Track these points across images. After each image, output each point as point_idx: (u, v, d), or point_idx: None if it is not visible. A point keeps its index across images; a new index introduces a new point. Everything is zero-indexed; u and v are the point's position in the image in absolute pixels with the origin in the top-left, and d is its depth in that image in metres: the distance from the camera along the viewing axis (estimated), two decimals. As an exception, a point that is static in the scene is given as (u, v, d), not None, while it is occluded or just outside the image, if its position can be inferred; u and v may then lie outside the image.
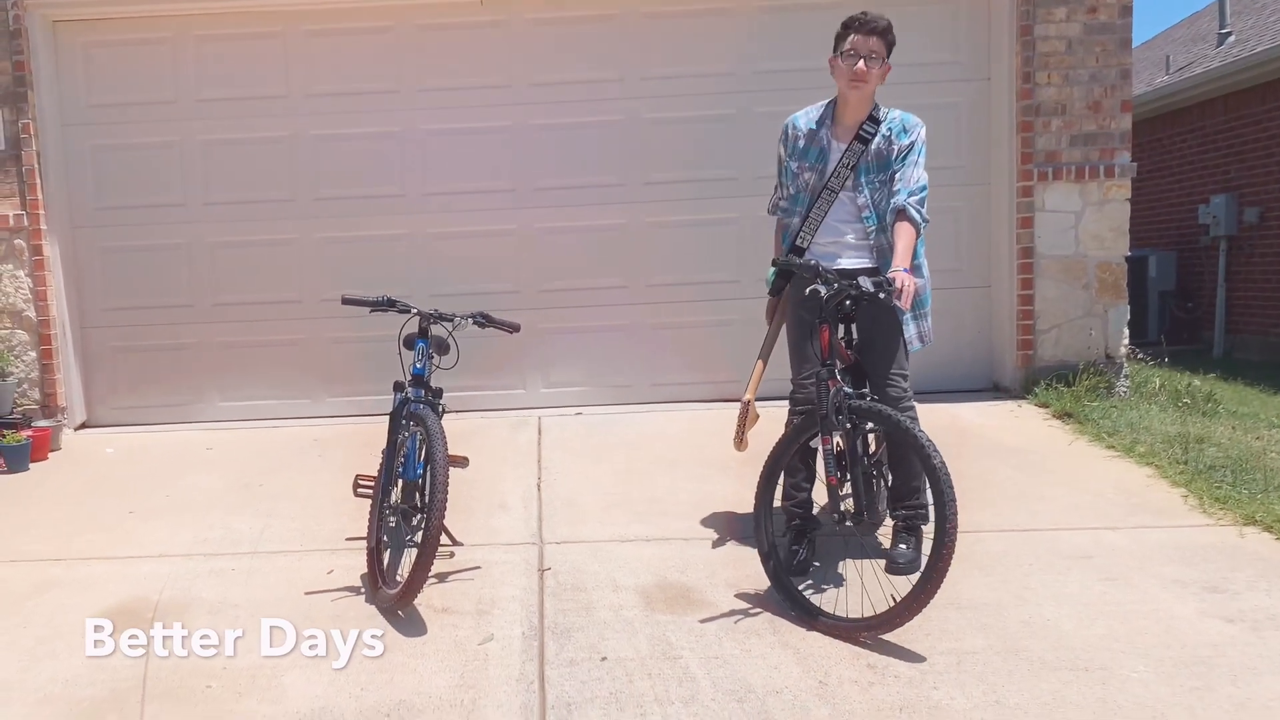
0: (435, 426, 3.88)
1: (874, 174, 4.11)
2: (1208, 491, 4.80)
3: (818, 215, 4.16)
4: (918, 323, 4.20)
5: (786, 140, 4.29)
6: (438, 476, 3.75)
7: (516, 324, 4.39)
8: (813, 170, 4.18)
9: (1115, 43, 6.61)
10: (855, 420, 3.73)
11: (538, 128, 6.82)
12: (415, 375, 4.16)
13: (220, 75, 6.79)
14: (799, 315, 4.19)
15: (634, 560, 4.30)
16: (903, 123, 4.12)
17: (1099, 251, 6.72)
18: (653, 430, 6.21)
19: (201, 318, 6.91)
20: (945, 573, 3.41)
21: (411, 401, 4.10)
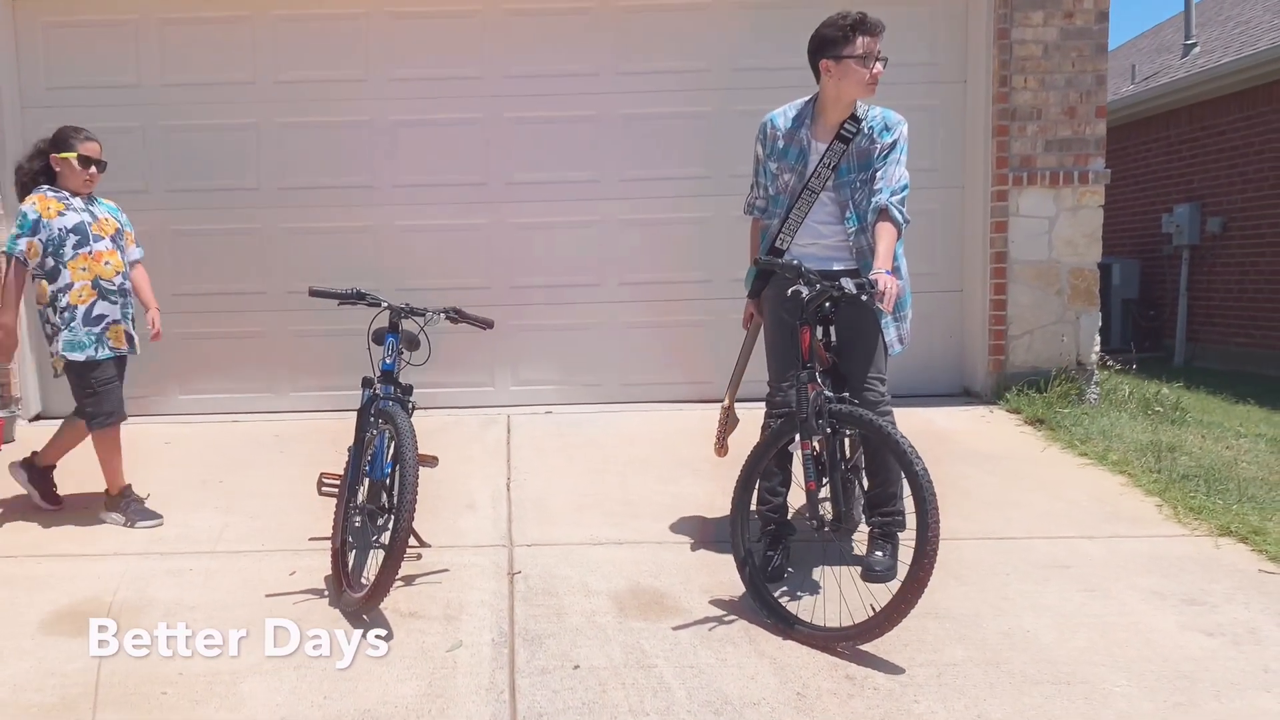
0: (405, 425, 3.77)
1: (855, 174, 4.03)
2: (1182, 501, 4.78)
3: (797, 216, 4.08)
4: (897, 325, 4.13)
5: (765, 140, 4.20)
6: (407, 477, 3.64)
7: (489, 320, 4.28)
8: (792, 171, 4.10)
9: (1091, 48, 6.60)
10: (835, 425, 3.66)
11: (511, 120, 6.71)
12: (384, 371, 4.04)
13: (185, 60, 6.62)
14: (778, 317, 4.11)
15: (606, 564, 4.21)
16: (884, 120, 4.05)
17: (1072, 257, 6.71)
18: (624, 430, 6.12)
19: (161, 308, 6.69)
20: (925, 583, 3.35)
21: (380, 398, 3.99)
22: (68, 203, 4.64)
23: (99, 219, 4.70)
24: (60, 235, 4.57)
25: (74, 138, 4.67)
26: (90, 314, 4.61)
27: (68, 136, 4.68)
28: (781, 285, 3.98)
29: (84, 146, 4.66)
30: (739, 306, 6.50)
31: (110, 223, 4.75)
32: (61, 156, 4.63)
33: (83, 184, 4.68)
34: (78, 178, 4.66)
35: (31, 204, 4.60)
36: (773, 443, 3.86)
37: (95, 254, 4.63)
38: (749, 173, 6.58)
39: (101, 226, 4.69)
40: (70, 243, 4.58)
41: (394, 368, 4.04)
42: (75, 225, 4.60)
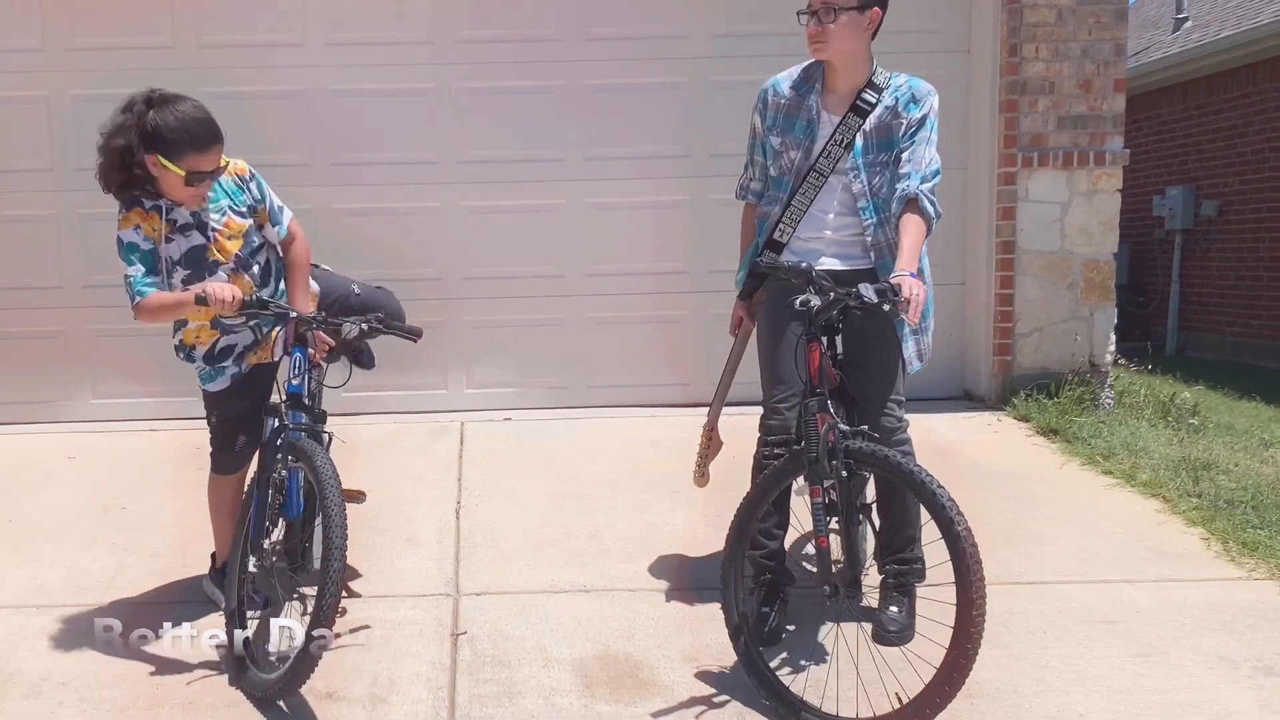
0: (326, 466, 3.04)
1: (874, 154, 3.35)
2: (1232, 534, 4.17)
3: (801, 203, 3.39)
4: (918, 339, 3.47)
5: (765, 108, 3.49)
6: (333, 538, 2.91)
7: (418, 329, 3.46)
8: (799, 147, 3.39)
9: (1110, 14, 5.95)
10: (852, 466, 3.00)
11: (464, 91, 5.99)
12: (291, 395, 3.27)
13: (96, 20, 5.83)
14: (777, 325, 3.43)
15: (569, 621, 3.54)
16: (911, 91, 3.36)
17: (1086, 248, 6.08)
18: (590, 442, 5.44)
19: (73, 301, 5.98)
20: (966, 674, 2.70)
21: (290, 429, 3.23)
22: (175, 220, 3.33)
23: (218, 231, 3.38)
24: (168, 267, 3.35)
25: (179, 142, 3.17)
26: (214, 352, 3.51)
27: (172, 136, 3.17)
28: (782, 290, 3.31)
29: (193, 160, 3.19)
30: (720, 301, 5.89)
31: (234, 226, 3.41)
32: (162, 164, 3.20)
33: (189, 199, 3.31)
34: (181, 193, 3.28)
35: (135, 229, 3.29)
36: (773, 485, 3.19)
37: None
38: (730, 151, 5.92)
39: (221, 245, 3.39)
40: (179, 276, 3.34)
41: (303, 390, 3.28)
42: (186, 253, 3.36)
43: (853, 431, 3.02)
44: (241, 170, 3.46)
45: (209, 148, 3.22)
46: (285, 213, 3.55)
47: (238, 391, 3.51)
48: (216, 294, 3.11)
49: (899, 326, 3.42)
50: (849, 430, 3.01)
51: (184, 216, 3.34)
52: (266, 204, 3.48)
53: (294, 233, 3.55)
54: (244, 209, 3.44)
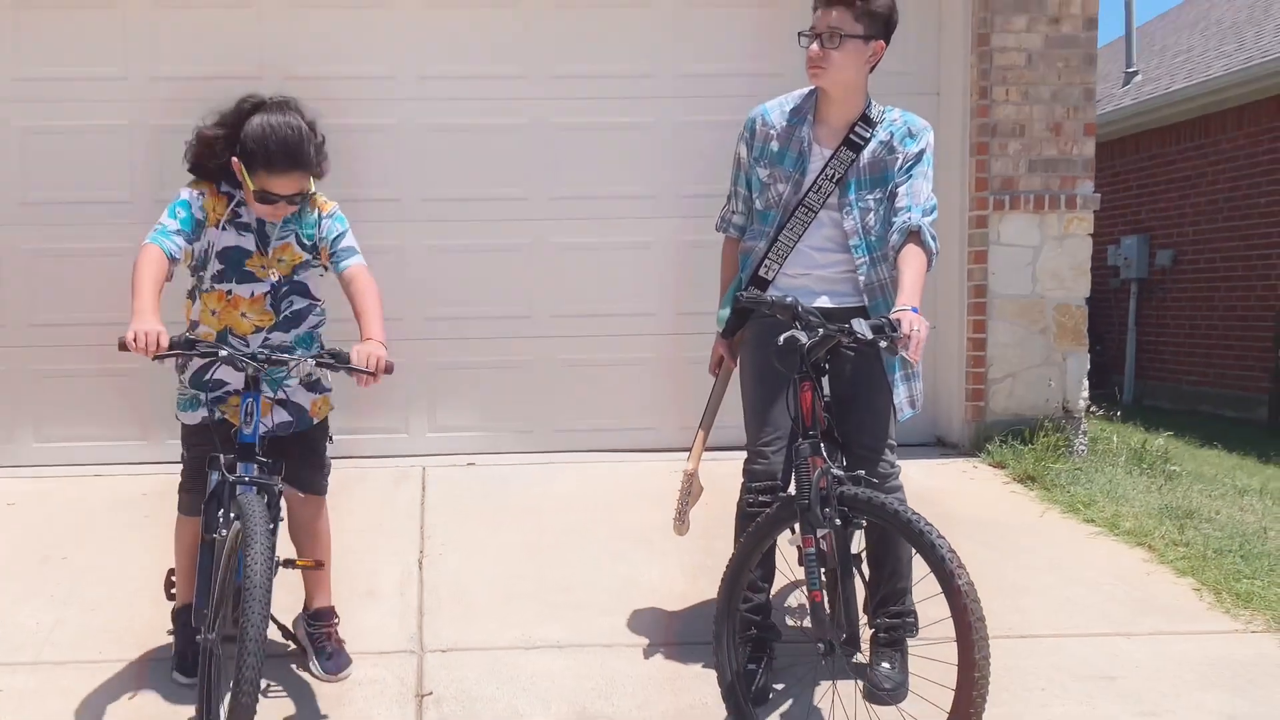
0: (258, 523, 2.74)
1: (867, 190, 3.23)
2: (1224, 585, 4.05)
3: (789, 239, 3.26)
4: (909, 384, 3.34)
5: (753, 138, 3.36)
6: (251, 604, 2.61)
7: (379, 367, 3.12)
8: (788, 180, 3.26)
9: (1080, 58, 5.94)
10: (847, 514, 2.84)
11: (426, 128, 5.82)
12: (243, 445, 2.98)
13: (181, 50, 5.63)
14: (763, 365, 3.26)
15: (543, 680, 3.33)
16: (906, 125, 3.26)
17: (1058, 292, 6.02)
18: (559, 489, 5.23)
19: (14, 340, 5.68)
20: None
21: (243, 483, 2.91)
22: (237, 210, 3.21)
23: (273, 247, 3.23)
24: (206, 251, 3.20)
25: (255, 155, 3.05)
26: (203, 376, 3.27)
27: (252, 147, 3.06)
28: (768, 327, 3.16)
29: (269, 180, 3.06)
30: (689, 343, 5.79)
31: (289, 253, 3.25)
32: (241, 171, 3.10)
33: (262, 214, 3.18)
34: (254, 206, 3.16)
35: (198, 194, 3.17)
36: (764, 536, 3.02)
37: (234, 299, 3.23)
38: (699, 192, 5.86)
39: (266, 261, 3.23)
40: (212, 270, 3.21)
41: (255, 439, 3.00)
42: (226, 249, 3.20)
43: (847, 476, 2.86)
44: (323, 205, 3.29)
45: (283, 172, 3.07)
46: (353, 256, 3.30)
47: (205, 435, 3.24)
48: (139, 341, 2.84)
49: (889, 370, 3.29)
50: (843, 475, 2.85)
51: (250, 217, 3.20)
52: (329, 242, 3.27)
53: (354, 275, 3.26)
54: (309, 243, 3.27)
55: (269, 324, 3.26)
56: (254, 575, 2.66)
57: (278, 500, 3.02)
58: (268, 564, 2.71)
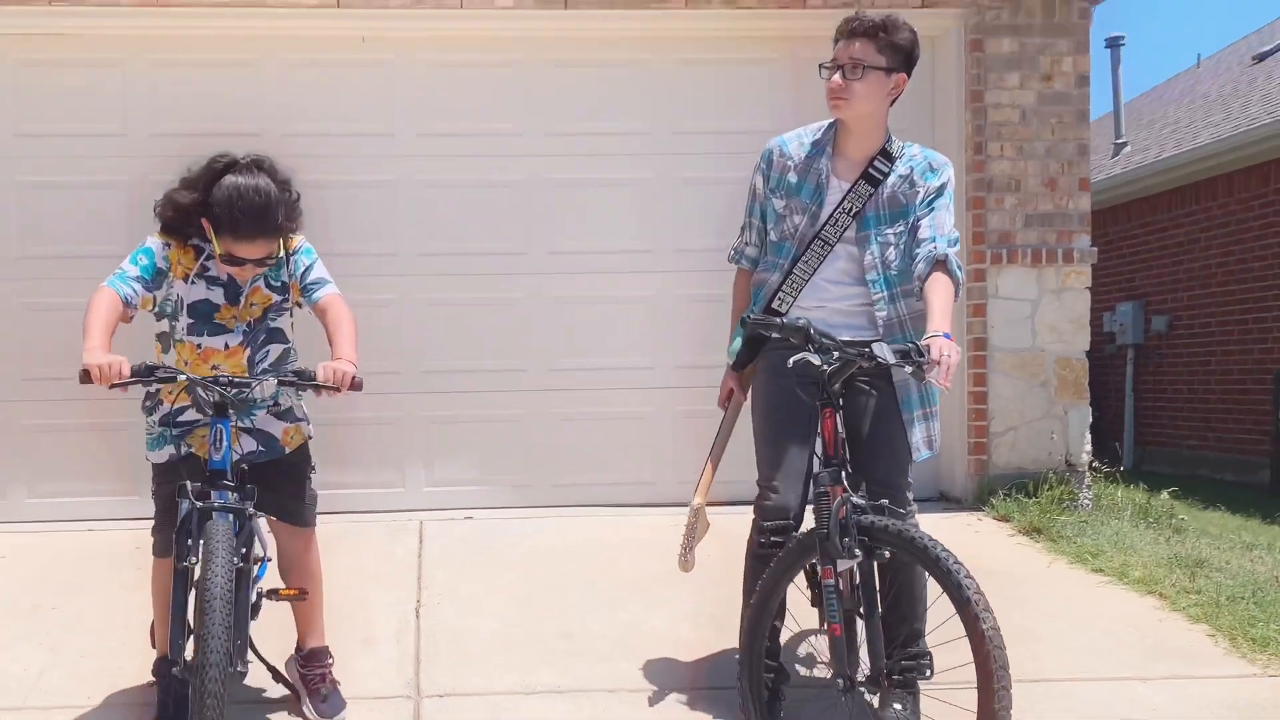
0: (220, 540, 2.71)
1: (886, 225, 3.20)
2: (1239, 630, 3.97)
3: (803, 272, 3.22)
4: (926, 424, 3.26)
5: (770, 169, 3.34)
6: (209, 641, 2.56)
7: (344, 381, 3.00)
8: (805, 212, 3.23)
9: (1072, 115, 6.00)
10: (869, 545, 2.76)
11: (425, 184, 5.84)
12: (214, 471, 2.93)
13: (180, 108, 5.65)
14: (774, 400, 3.22)
15: (543, 724, 3.23)
16: (927, 160, 3.25)
17: (1058, 345, 6.01)
18: (558, 542, 5.14)
19: (7, 395, 5.63)
20: None
21: (215, 510, 2.84)
22: (206, 266, 3.19)
23: (242, 296, 3.20)
24: (175, 304, 3.19)
25: (221, 220, 3.03)
26: (175, 416, 3.20)
27: (218, 212, 3.03)
28: (782, 359, 3.12)
29: (235, 245, 3.04)
30: (689, 397, 5.74)
31: (258, 296, 3.22)
32: (210, 233, 3.09)
33: (231, 274, 3.18)
34: (222, 266, 3.15)
35: (164, 244, 3.18)
36: (784, 574, 2.94)
37: (205, 352, 3.18)
38: (694, 247, 5.92)
39: (237, 312, 3.20)
40: (183, 323, 3.19)
41: (227, 465, 2.96)
42: (195, 303, 3.18)
43: (869, 506, 2.80)
44: (288, 242, 3.24)
45: (249, 239, 3.04)
46: (325, 286, 3.27)
47: (174, 473, 3.17)
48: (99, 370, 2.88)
49: (908, 407, 3.23)
50: (864, 504, 2.79)
51: (218, 270, 3.17)
52: (298, 277, 3.24)
53: (328, 305, 3.24)
54: (277, 284, 3.24)
55: (241, 372, 3.20)
56: (213, 588, 2.63)
57: (249, 524, 2.96)
58: (227, 578, 2.67)
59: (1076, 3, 5.97)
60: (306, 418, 3.40)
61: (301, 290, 3.25)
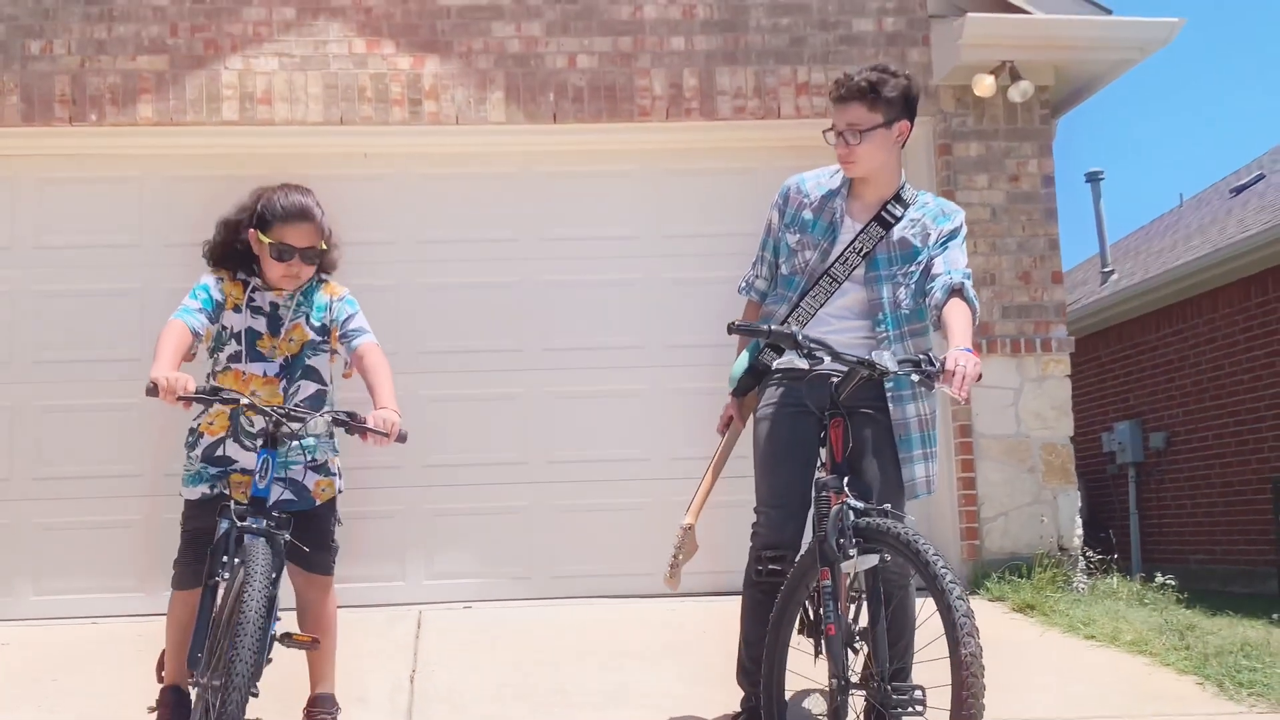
0: (260, 563, 2.82)
1: (897, 265, 3.30)
2: (1227, 677, 3.99)
3: (811, 305, 3.32)
4: (926, 464, 3.30)
5: (786, 204, 3.48)
6: (242, 638, 2.66)
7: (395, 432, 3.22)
8: (816, 248, 3.34)
9: (1041, 212, 6.30)
10: (866, 545, 2.82)
11: (424, 287, 6.11)
12: (255, 499, 3.06)
13: (65, 220, 5.97)
14: (774, 429, 3.31)
15: (534, 758, 3.27)
16: (940, 207, 3.40)
17: (1042, 431, 6.15)
18: (556, 620, 5.20)
19: (17, 494, 5.78)
20: None
21: (250, 531, 2.96)
22: (250, 296, 3.37)
23: (284, 329, 3.37)
24: (222, 335, 3.35)
25: (271, 214, 3.28)
26: (214, 452, 3.34)
27: (267, 211, 3.29)
28: (784, 390, 3.26)
29: (284, 231, 3.27)
30: (682, 488, 5.85)
31: (298, 332, 3.38)
32: (258, 238, 3.30)
33: (279, 280, 3.34)
34: (273, 271, 3.32)
35: (217, 279, 3.36)
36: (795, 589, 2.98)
37: (247, 378, 3.33)
38: (684, 343, 6.14)
39: (277, 343, 3.36)
40: (228, 351, 3.35)
41: (268, 494, 3.09)
42: (245, 331, 3.34)
43: (866, 508, 2.87)
44: (334, 290, 3.47)
45: (295, 223, 3.28)
46: (365, 335, 3.45)
47: (206, 510, 3.28)
48: (165, 383, 2.96)
49: (908, 446, 3.29)
50: (861, 508, 2.86)
51: (263, 302, 3.36)
52: (339, 323, 3.42)
53: (366, 352, 3.41)
54: (318, 324, 3.42)
55: (279, 402, 3.31)
56: (249, 612, 2.70)
57: (283, 551, 3.05)
58: (264, 604, 2.74)
59: (1037, 110, 6.34)
60: (340, 473, 3.52)
61: (341, 336, 3.43)
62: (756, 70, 6.24)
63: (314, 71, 6.03)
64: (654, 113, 6.19)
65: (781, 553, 3.16)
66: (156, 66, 5.93)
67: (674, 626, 4.55)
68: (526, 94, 6.12)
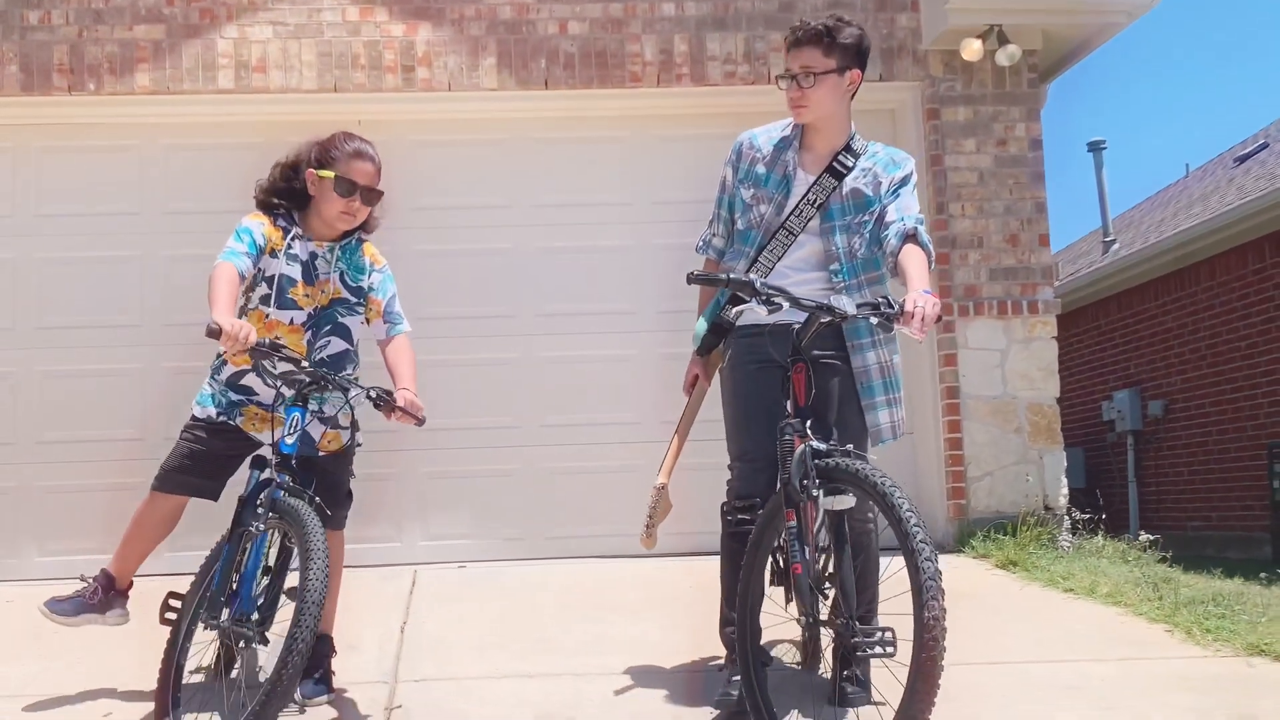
0: (315, 533, 2.90)
1: (850, 215, 3.36)
2: (1195, 623, 4.09)
3: (769, 259, 3.36)
4: (891, 409, 3.36)
5: (739, 160, 3.52)
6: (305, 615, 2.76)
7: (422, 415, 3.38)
8: (771, 202, 3.39)
9: (1028, 176, 6.35)
10: (827, 484, 2.86)
11: (419, 254, 6.15)
12: (284, 454, 3.14)
13: (65, 188, 6.07)
14: (741, 383, 3.37)
15: (511, 698, 3.39)
16: (890, 155, 3.44)
17: (1029, 392, 6.22)
18: (545, 580, 5.31)
19: (22, 458, 5.91)
20: None
21: (276, 486, 3.08)
22: (290, 243, 3.41)
23: (317, 280, 3.43)
24: (256, 278, 3.39)
25: (341, 149, 3.40)
26: (238, 380, 3.40)
27: (333, 148, 3.40)
28: (748, 344, 3.32)
29: (349, 166, 3.38)
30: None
31: (330, 288, 3.45)
32: (319, 175, 3.39)
33: (337, 218, 3.40)
34: (331, 208, 3.38)
35: (258, 221, 3.40)
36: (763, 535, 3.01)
37: (271, 322, 3.37)
38: (674, 309, 6.17)
39: (310, 292, 3.41)
40: (259, 293, 3.40)
41: (295, 450, 3.18)
42: (278, 277, 3.38)
43: (829, 449, 2.91)
44: (376, 258, 3.58)
45: (360, 161, 3.40)
46: (403, 323, 3.59)
47: (212, 433, 3.39)
48: (231, 330, 3.00)
49: (871, 392, 3.35)
50: (824, 449, 2.90)
51: (302, 251, 3.41)
52: (383, 298, 3.53)
53: (402, 343, 3.54)
54: (354, 284, 3.49)
55: (302, 354, 3.36)
56: (312, 592, 2.80)
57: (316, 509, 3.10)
58: (323, 580, 2.84)
59: (1025, 74, 6.38)
60: (352, 427, 3.47)
61: (385, 314, 3.54)
62: (746, 36, 6.29)
63: (308, 39, 6.12)
64: (645, 79, 6.25)
65: (751, 501, 3.21)
66: (153, 35, 6.02)
67: (656, 583, 4.66)
68: (518, 60, 6.19)
